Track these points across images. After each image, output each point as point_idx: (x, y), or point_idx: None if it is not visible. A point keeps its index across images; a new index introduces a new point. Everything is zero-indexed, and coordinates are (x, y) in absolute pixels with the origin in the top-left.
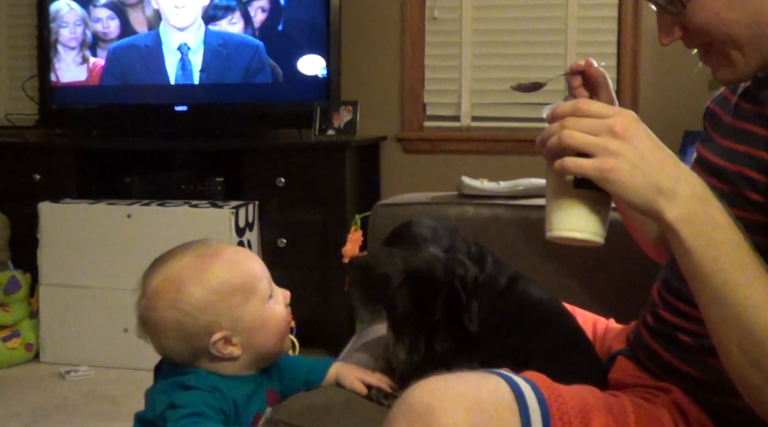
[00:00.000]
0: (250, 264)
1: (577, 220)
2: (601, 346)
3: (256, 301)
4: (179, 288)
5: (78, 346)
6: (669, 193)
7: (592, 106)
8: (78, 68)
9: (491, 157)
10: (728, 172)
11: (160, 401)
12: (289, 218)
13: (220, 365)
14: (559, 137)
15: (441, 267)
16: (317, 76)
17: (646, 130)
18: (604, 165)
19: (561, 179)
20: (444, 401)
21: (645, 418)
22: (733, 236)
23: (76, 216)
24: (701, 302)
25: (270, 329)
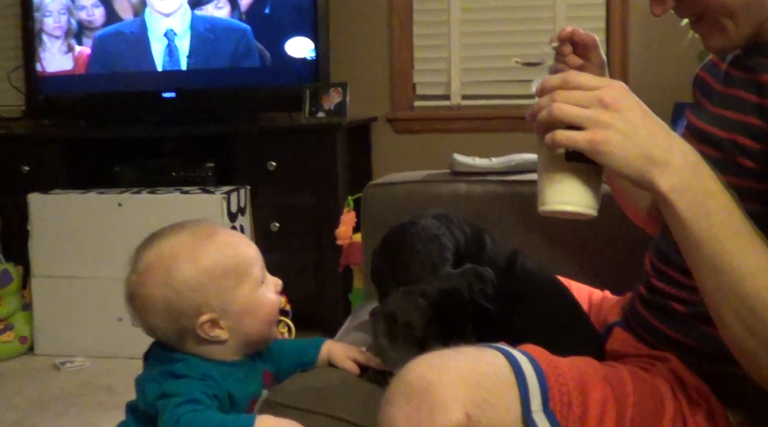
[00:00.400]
0: (244, 248)
1: (570, 193)
2: (596, 318)
3: (247, 285)
4: (171, 266)
5: (72, 337)
6: (661, 163)
7: (582, 78)
8: (64, 57)
9: (482, 135)
10: (720, 140)
11: (151, 390)
12: (281, 202)
13: (207, 348)
14: (549, 111)
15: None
16: (306, 59)
17: (636, 101)
18: (596, 137)
19: (552, 153)
20: (442, 377)
21: (643, 387)
22: (726, 204)
23: (66, 206)
24: (696, 270)
25: (259, 315)
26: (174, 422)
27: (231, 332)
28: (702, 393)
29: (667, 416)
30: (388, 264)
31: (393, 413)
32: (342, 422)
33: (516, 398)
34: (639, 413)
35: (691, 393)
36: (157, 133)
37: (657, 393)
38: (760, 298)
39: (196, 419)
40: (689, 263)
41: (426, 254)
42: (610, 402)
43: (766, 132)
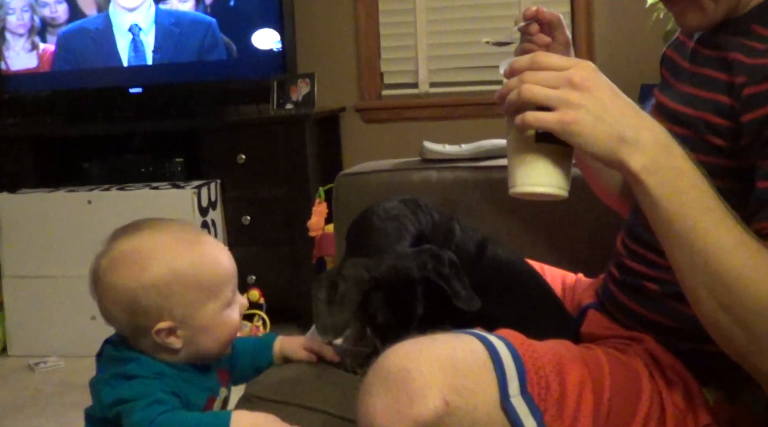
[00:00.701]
0: (223, 265)
1: (540, 174)
2: (570, 300)
3: (215, 304)
4: (146, 263)
5: (46, 337)
6: (632, 143)
7: (550, 59)
8: (28, 55)
9: (451, 123)
10: (689, 118)
11: (106, 394)
12: (252, 195)
13: (157, 351)
14: (519, 92)
15: (412, 266)
16: (272, 50)
17: (605, 80)
18: (566, 117)
19: (522, 135)
20: (419, 364)
21: (619, 368)
22: (697, 182)
23: (35, 205)
24: (668, 249)
25: (217, 336)
26: (148, 424)
27: (185, 343)
28: (678, 372)
29: (644, 395)
30: (350, 245)
31: (372, 403)
32: (319, 412)
33: (494, 383)
34: (616, 394)
35: (667, 373)
36: (125, 130)
37: (633, 374)
38: (733, 274)
39: (172, 419)
40: (662, 241)
41: (383, 233)
42: (588, 384)
43: (735, 110)
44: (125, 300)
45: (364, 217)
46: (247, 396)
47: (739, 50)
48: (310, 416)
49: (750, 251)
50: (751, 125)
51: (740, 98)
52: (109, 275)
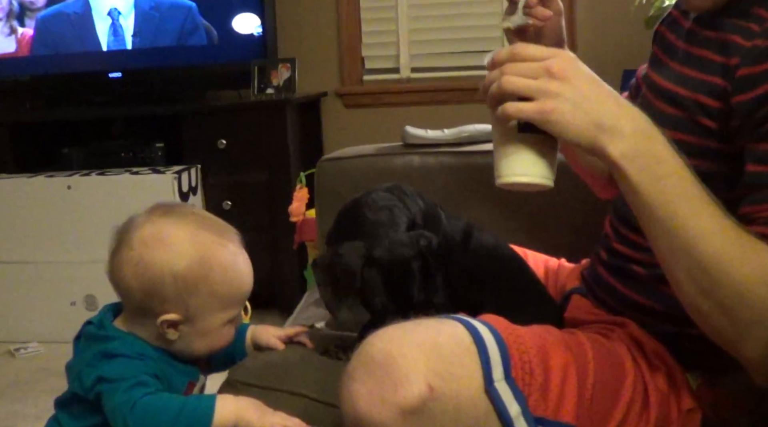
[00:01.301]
0: (247, 283)
1: (524, 164)
2: (554, 285)
3: (224, 315)
4: (185, 253)
5: (26, 322)
6: (611, 130)
7: (529, 50)
8: (6, 40)
9: (433, 108)
10: (682, 99)
11: (87, 373)
12: (232, 180)
13: (151, 336)
14: (499, 84)
15: (408, 249)
16: (253, 35)
17: (585, 70)
18: (545, 107)
19: (505, 126)
20: (403, 349)
21: (603, 353)
22: (677, 169)
23: (14, 191)
24: (650, 234)
25: (211, 343)
26: (130, 406)
27: (181, 338)
28: (661, 357)
29: (627, 380)
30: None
31: (355, 388)
32: (303, 397)
33: (478, 368)
34: (600, 379)
35: (650, 357)
36: (105, 115)
37: (617, 358)
38: (712, 260)
39: (155, 402)
40: (643, 227)
41: (378, 223)
42: (571, 368)
43: (727, 91)
44: (149, 279)
45: (354, 208)
46: (230, 381)
47: (738, 32)
48: (293, 401)
49: (730, 237)
50: (742, 107)
51: (733, 79)
52: (145, 247)
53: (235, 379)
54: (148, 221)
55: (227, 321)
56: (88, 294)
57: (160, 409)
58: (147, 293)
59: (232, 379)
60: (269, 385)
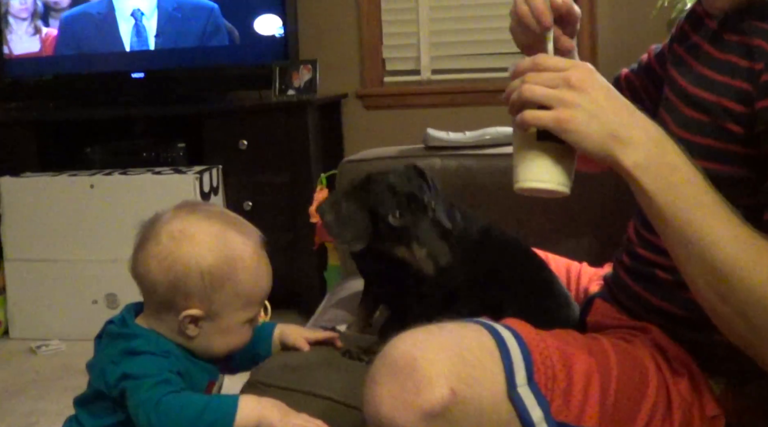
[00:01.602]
0: (268, 284)
1: (541, 171)
2: (576, 290)
3: (245, 315)
4: (213, 249)
5: (47, 320)
6: (625, 140)
7: (550, 61)
8: (30, 39)
9: (453, 110)
10: (707, 103)
11: (111, 371)
12: (253, 181)
13: (170, 331)
14: (519, 92)
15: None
16: (274, 36)
17: (602, 81)
18: (562, 115)
19: (525, 132)
20: (426, 352)
21: (626, 359)
22: (690, 177)
23: (38, 189)
24: (666, 242)
25: (229, 342)
26: (154, 403)
27: (200, 335)
28: (684, 363)
29: (650, 386)
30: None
31: (378, 391)
32: (324, 399)
33: (501, 373)
34: (623, 385)
35: (673, 363)
36: (127, 114)
37: (640, 364)
38: (727, 266)
39: (178, 400)
40: (661, 235)
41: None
42: (595, 374)
43: (752, 96)
44: (176, 273)
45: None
46: (252, 382)
47: (762, 36)
48: (315, 403)
49: (745, 243)
50: (765, 113)
51: (758, 85)
52: (172, 242)
53: (257, 380)
54: (176, 217)
55: (247, 320)
56: (110, 293)
57: (183, 407)
58: (172, 288)
59: (254, 379)
60: (291, 386)
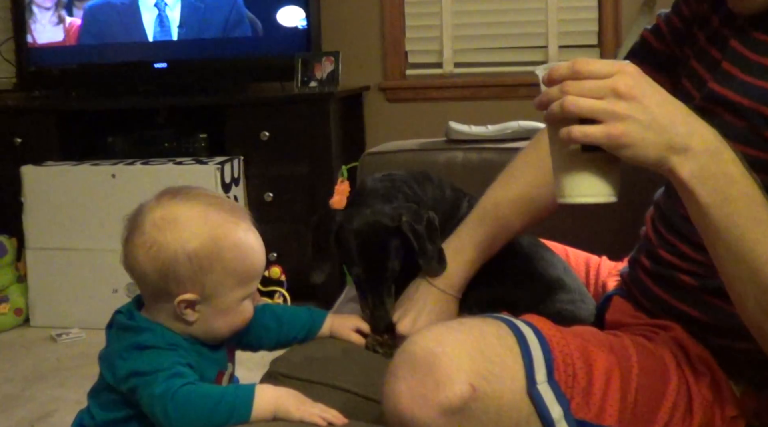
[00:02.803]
0: (260, 259)
1: (590, 185)
2: (595, 284)
3: (241, 292)
4: (196, 232)
5: (68, 308)
6: (681, 150)
7: (592, 66)
8: (54, 29)
9: (475, 103)
10: (745, 109)
11: (120, 366)
12: (274, 172)
13: (169, 320)
14: (562, 105)
15: (388, 220)
16: (297, 28)
17: (651, 85)
18: (614, 131)
19: (567, 145)
20: (446, 348)
21: (647, 357)
22: (747, 190)
23: (59, 178)
24: (716, 256)
25: (230, 322)
26: (170, 396)
27: (200, 319)
28: (706, 362)
29: (671, 385)
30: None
31: (398, 386)
32: (344, 392)
33: (521, 369)
34: (643, 383)
35: (694, 363)
36: (149, 104)
37: (661, 362)
38: None
39: (194, 390)
40: (709, 248)
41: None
42: (615, 372)
43: None
44: (163, 261)
45: (363, 180)
46: (272, 373)
47: None
48: (334, 395)
49: None
50: None
51: None
52: (155, 231)
53: (277, 371)
54: (158, 205)
55: (243, 298)
56: (130, 282)
57: (200, 397)
58: (162, 275)
59: (273, 371)
60: (310, 378)
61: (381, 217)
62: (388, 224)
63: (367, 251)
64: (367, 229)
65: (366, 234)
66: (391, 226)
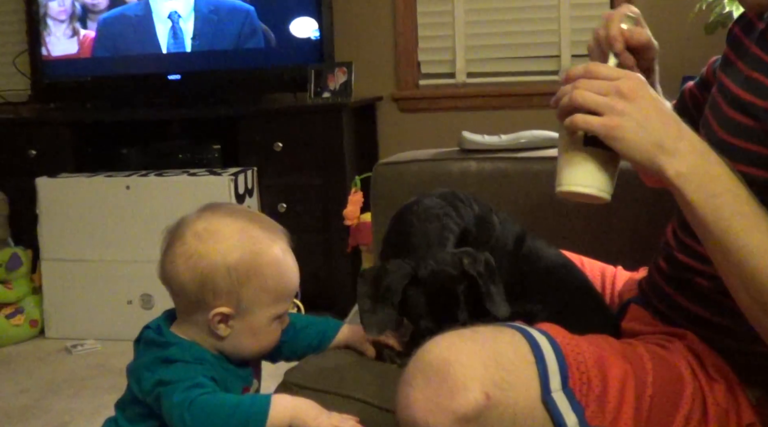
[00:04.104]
0: (295, 279)
1: (585, 176)
2: (611, 294)
3: (273, 311)
4: (238, 245)
5: (83, 320)
6: (670, 151)
7: (603, 69)
8: (69, 41)
9: (488, 113)
10: (754, 107)
11: (146, 378)
12: (288, 183)
13: (201, 333)
14: (570, 96)
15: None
16: (310, 39)
17: (652, 93)
18: (610, 122)
19: (572, 137)
20: (461, 356)
21: (661, 365)
22: (731, 187)
23: (74, 190)
24: (708, 250)
25: (259, 342)
26: (187, 404)
27: (231, 335)
28: (721, 370)
29: (686, 393)
30: (389, 247)
31: (412, 394)
32: (358, 402)
33: (535, 377)
34: (658, 391)
35: (709, 370)
36: (163, 116)
37: (675, 371)
38: (765, 275)
39: (212, 399)
40: (704, 244)
41: (423, 235)
42: (630, 380)
43: None
44: (202, 271)
45: (403, 217)
46: (286, 383)
47: None
48: (348, 405)
49: None
50: None
51: None
52: (198, 241)
53: (291, 381)
54: (200, 217)
55: (275, 317)
56: (145, 293)
57: (217, 406)
58: (201, 286)
59: (287, 381)
60: (325, 388)
61: (444, 266)
62: (453, 273)
63: (436, 302)
64: (433, 280)
65: (432, 285)
66: (455, 274)
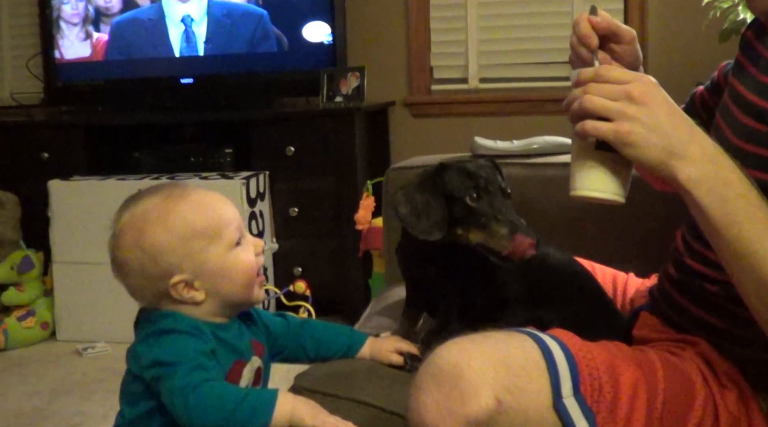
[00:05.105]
0: (217, 208)
1: (598, 180)
2: (622, 301)
3: (219, 246)
4: (142, 228)
5: (94, 322)
6: (681, 155)
7: (613, 73)
8: (82, 44)
9: (500, 119)
10: (766, 112)
11: (144, 353)
12: (300, 187)
13: (185, 308)
14: (581, 102)
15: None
16: (323, 43)
17: (663, 96)
18: (621, 128)
19: (584, 141)
20: (472, 361)
21: (673, 372)
22: (743, 191)
23: (86, 193)
24: (720, 256)
25: (234, 277)
26: (192, 388)
27: (207, 293)
28: (732, 377)
29: (697, 400)
30: None
31: (423, 399)
32: (369, 407)
33: (546, 383)
34: (669, 398)
35: (721, 378)
36: (176, 120)
37: (687, 378)
38: None
39: (218, 388)
40: (715, 250)
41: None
42: (641, 386)
43: None
44: (136, 269)
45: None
46: (296, 388)
47: None
48: (359, 410)
49: None
50: None
51: None
52: (116, 251)
53: (301, 386)
54: (111, 235)
55: (228, 248)
56: None
57: (222, 396)
58: (145, 278)
59: (297, 385)
60: (335, 393)
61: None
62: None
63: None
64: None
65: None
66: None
